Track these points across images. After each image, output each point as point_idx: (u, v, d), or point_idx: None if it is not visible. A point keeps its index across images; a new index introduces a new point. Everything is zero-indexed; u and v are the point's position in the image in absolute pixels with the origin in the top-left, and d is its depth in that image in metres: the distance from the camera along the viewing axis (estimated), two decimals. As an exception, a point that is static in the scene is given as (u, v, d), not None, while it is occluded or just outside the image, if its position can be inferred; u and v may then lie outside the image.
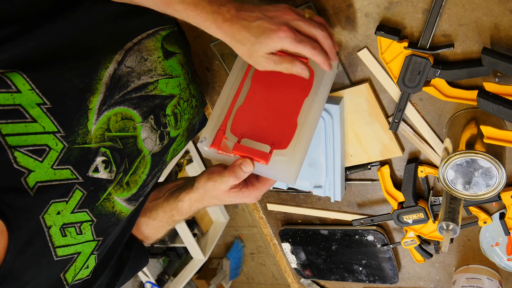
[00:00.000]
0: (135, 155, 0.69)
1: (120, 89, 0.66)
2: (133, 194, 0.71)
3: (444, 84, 0.72)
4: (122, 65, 0.67)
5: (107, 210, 0.66)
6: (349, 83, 0.80)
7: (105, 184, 0.65)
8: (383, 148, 0.83)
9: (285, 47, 0.63)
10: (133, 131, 0.68)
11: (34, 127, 0.56)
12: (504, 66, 0.62)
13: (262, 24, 0.63)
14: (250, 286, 3.18)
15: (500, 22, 0.65)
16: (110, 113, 0.65)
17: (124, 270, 0.77)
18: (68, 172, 0.60)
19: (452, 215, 0.74)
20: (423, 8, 0.68)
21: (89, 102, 0.62)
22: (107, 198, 0.66)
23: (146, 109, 0.70)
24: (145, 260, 0.84)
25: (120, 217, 0.69)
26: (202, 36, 0.86)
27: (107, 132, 0.64)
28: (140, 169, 0.71)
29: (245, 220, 2.90)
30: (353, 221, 0.94)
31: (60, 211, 0.59)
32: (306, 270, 1.08)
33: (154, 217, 0.81)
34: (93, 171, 0.63)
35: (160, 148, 0.74)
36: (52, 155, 0.58)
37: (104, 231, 0.66)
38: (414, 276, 0.99)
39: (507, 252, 0.84)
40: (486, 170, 0.68)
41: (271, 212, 1.06)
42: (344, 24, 0.75)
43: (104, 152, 0.64)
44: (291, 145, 0.69)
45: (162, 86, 0.73)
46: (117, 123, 0.66)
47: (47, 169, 0.58)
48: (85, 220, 0.63)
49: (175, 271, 2.87)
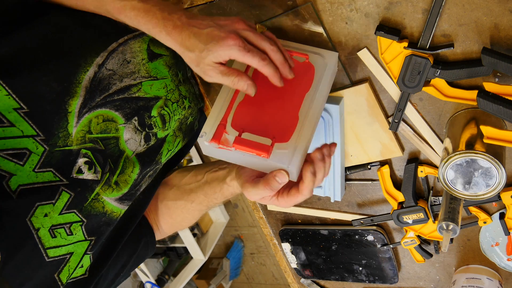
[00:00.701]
0: (117, 156, 0.69)
1: (101, 91, 0.66)
2: (124, 193, 0.71)
3: (444, 84, 0.72)
4: (103, 68, 0.67)
5: (97, 211, 0.66)
6: (349, 83, 0.80)
7: (92, 185, 0.65)
8: (383, 148, 0.84)
9: (234, 55, 0.63)
10: (115, 132, 0.68)
11: (12, 131, 0.57)
12: (504, 66, 0.63)
13: (212, 32, 0.62)
14: (250, 286, 3.18)
15: (500, 22, 0.65)
16: (91, 115, 0.65)
17: (130, 261, 0.78)
18: (50, 175, 0.60)
19: (452, 215, 0.74)
20: (423, 8, 0.68)
21: (68, 105, 0.62)
22: (96, 198, 0.66)
23: (129, 111, 0.70)
24: (151, 251, 0.84)
25: (112, 217, 0.69)
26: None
27: (88, 134, 0.65)
28: (128, 169, 0.71)
29: (245, 220, 2.90)
30: (353, 221, 0.94)
31: (47, 213, 0.59)
32: (306, 270, 1.08)
33: (193, 199, 0.81)
34: (77, 173, 0.63)
35: (145, 148, 0.74)
36: (33, 158, 0.58)
37: (96, 231, 0.67)
38: (414, 276, 0.99)
39: (507, 252, 0.84)
40: (486, 170, 0.68)
41: (271, 212, 1.06)
42: (344, 24, 0.75)
43: (85, 153, 0.64)
44: (292, 138, 0.68)
45: (146, 88, 0.73)
46: (99, 125, 0.66)
47: (29, 173, 0.58)
48: (75, 221, 0.63)
49: (175, 271, 2.87)
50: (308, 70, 0.73)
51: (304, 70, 0.73)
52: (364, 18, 0.73)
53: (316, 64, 0.74)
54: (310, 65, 0.73)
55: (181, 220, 0.84)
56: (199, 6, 0.82)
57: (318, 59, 0.74)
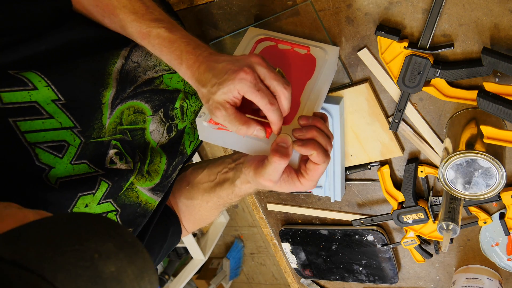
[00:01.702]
0: (144, 146, 0.70)
1: (130, 83, 0.67)
2: (156, 184, 0.71)
3: (444, 84, 0.72)
4: (129, 60, 0.68)
5: (131, 200, 0.67)
6: (349, 83, 0.80)
7: (127, 174, 0.66)
8: (383, 148, 0.83)
9: (243, 91, 0.59)
10: (142, 123, 0.69)
11: (51, 123, 0.57)
12: (504, 66, 0.63)
13: (226, 66, 0.60)
14: (250, 286, 3.18)
15: (500, 22, 0.65)
16: (123, 107, 0.66)
17: (161, 252, 0.79)
18: (85, 167, 0.61)
19: (452, 215, 0.74)
20: (423, 8, 0.68)
21: (102, 97, 0.62)
22: (130, 187, 0.66)
23: (158, 103, 0.71)
24: (177, 239, 0.84)
25: (147, 208, 0.70)
26: (206, 36, 0.86)
27: (119, 126, 0.65)
28: (156, 159, 0.71)
29: (245, 220, 2.90)
30: (353, 221, 0.94)
31: (88, 203, 0.60)
32: (306, 270, 1.08)
33: (207, 199, 0.80)
34: (110, 163, 0.64)
35: (167, 139, 0.74)
36: (71, 150, 0.59)
37: (132, 222, 0.67)
38: (414, 276, 0.99)
39: (507, 252, 0.84)
40: (486, 170, 0.68)
41: (271, 212, 1.06)
42: (344, 24, 0.75)
43: (115, 144, 0.65)
44: (293, 121, 0.66)
45: (167, 80, 0.73)
46: (129, 117, 0.67)
47: (66, 165, 0.58)
48: (110, 210, 0.64)
49: (175, 271, 2.87)
50: (310, 62, 0.73)
51: (306, 61, 0.74)
52: (364, 18, 0.73)
53: (318, 57, 0.74)
54: (312, 57, 0.74)
55: (200, 218, 0.84)
56: (199, 6, 0.82)
57: (320, 52, 0.74)
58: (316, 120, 0.64)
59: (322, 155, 0.61)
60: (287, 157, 0.60)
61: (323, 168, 0.63)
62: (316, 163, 0.62)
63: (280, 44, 0.75)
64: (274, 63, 0.71)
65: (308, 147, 0.61)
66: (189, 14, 0.84)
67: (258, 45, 0.75)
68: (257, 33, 0.77)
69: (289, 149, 0.61)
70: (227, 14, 0.81)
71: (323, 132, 0.63)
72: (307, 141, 0.62)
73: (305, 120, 0.64)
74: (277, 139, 0.62)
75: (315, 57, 0.73)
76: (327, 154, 0.63)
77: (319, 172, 0.63)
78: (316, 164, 0.62)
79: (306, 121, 0.64)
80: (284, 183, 0.65)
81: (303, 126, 0.63)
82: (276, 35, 0.77)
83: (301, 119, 0.63)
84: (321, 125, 0.64)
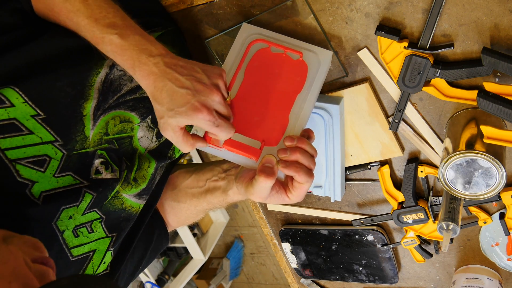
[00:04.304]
0: (131, 153, 0.70)
1: (113, 93, 0.67)
2: (142, 189, 0.72)
3: (444, 84, 0.72)
4: (114, 69, 0.67)
5: (116, 207, 0.67)
6: (349, 83, 0.80)
7: (113, 184, 0.66)
8: (383, 148, 0.84)
9: (203, 127, 0.63)
10: (130, 132, 0.69)
11: (31, 139, 0.58)
12: (504, 66, 0.62)
13: (186, 96, 0.59)
14: (250, 286, 3.18)
15: (500, 22, 0.65)
16: (107, 117, 0.66)
17: (147, 254, 0.80)
18: (70, 178, 0.61)
19: (452, 215, 0.74)
20: (423, 8, 0.68)
21: (83, 109, 0.63)
22: (115, 196, 0.67)
23: (145, 110, 0.71)
24: (165, 242, 0.85)
25: (131, 212, 0.70)
26: (202, 36, 0.86)
27: (105, 136, 0.66)
28: (144, 164, 0.72)
29: (245, 220, 2.90)
30: (353, 221, 0.94)
31: (71, 215, 0.61)
32: (306, 270, 1.08)
33: (196, 204, 0.82)
34: (95, 174, 0.64)
35: (157, 144, 0.75)
36: (53, 164, 0.59)
37: (116, 227, 0.68)
38: (414, 276, 0.99)
39: (507, 252, 0.84)
40: (486, 170, 0.68)
41: (271, 212, 1.06)
42: (344, 24, 0.75)
43: (101, 154, 0.65)
44: (281, 143, 0.70)
45: None
46: (116, 127, 0.67)
47: (50, 178, 0.59)
48: (95, 218, 0.65)
49: (175, 271, 2.87)
50: (301, 70, 0.73)
51: (297, 69, 0.73)
52: (364, 18, 0.73)
53: (310, 63, 0.74)
54: (304, 64, 0.74)
55: (185, 218, 0.86)
56: (199, 6, 0.82)
57: (312, 57, 0.74)
58: (301, 141, 0.66)
59: (305, 175, 0.64)
60: (272, 176, 0.64)
61: (307, 186, 0.66)
62: (300, 182, 0.65)
63: (273, 46, 0.75)
64: (266, 72, 0.74)
65: (291, 168, 0.64)
66: (189, 14, 0.84)
67: (251, 47, 0.75)
68: (251, 31, 0.77)
69: (274, 168, 0.64)
70: (227, 14, 0.81)
71: (307, 153, 0.66)
72: (290, 163, 0.64)
73: (290, 141, 0.66)
74: (263, 160, 0.65)
75: (307, 65, 0.73)
76: (310, 173, 0.65)
77: (304, 189, 0.67)
78: (300, 183, 0.65)
79: (291, 142, 0.66)
80: (273, 198, 0.68)
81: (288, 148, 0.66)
82: (270, 34, 0.77)
83: (287, 140, 0.66)
84: (305, 146, 0.66)
